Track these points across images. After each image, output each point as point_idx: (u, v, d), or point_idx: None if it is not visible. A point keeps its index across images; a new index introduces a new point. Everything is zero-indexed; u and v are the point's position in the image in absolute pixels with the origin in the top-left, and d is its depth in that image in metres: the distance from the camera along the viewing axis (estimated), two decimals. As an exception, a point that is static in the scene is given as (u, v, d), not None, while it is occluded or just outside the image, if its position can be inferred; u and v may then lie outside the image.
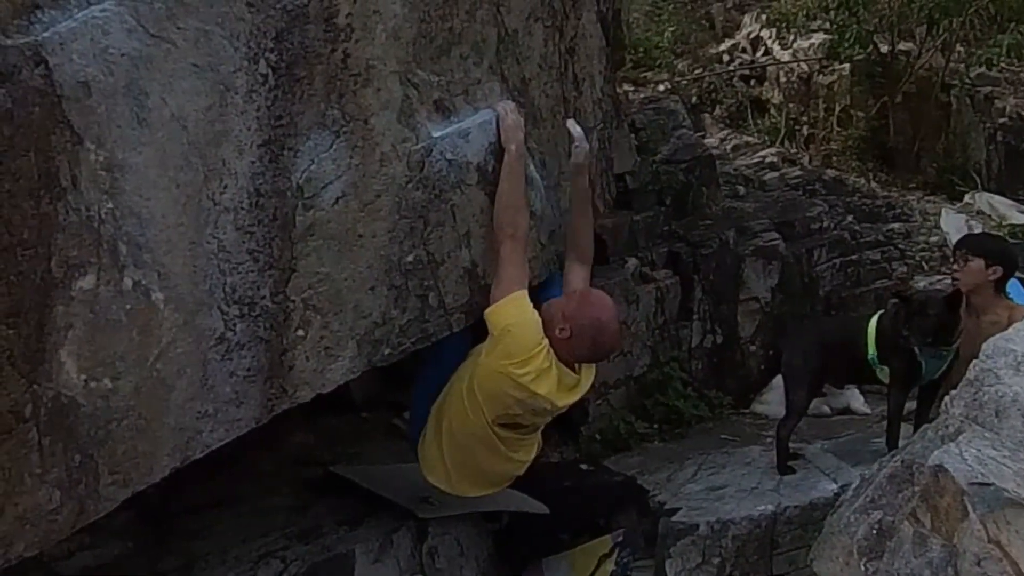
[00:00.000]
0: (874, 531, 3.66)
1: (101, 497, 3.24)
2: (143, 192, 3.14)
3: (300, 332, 3.67)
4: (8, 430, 2.96)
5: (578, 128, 4.57)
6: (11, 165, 2.85)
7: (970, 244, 5.31)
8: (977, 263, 5.12)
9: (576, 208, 4.55)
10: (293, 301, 3.62)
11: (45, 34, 2.91)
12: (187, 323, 3.32)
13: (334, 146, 3.61)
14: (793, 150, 9.69)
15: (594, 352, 4.29)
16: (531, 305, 4.13)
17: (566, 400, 4.29)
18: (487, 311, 4.13)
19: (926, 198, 8.93)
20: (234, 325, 3.46)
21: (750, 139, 9.81)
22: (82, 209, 3.02)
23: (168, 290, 3.25)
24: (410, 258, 3.96)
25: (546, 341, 4.11)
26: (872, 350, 5.22)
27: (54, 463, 3.09)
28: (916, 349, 5.02)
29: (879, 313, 5.36)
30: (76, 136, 2.98)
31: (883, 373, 5.26)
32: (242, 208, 3.40)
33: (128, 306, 3.16)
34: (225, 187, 3.34)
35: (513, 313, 4.10)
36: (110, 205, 3.07)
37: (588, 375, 4.37)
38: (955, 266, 5.25)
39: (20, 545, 3.09)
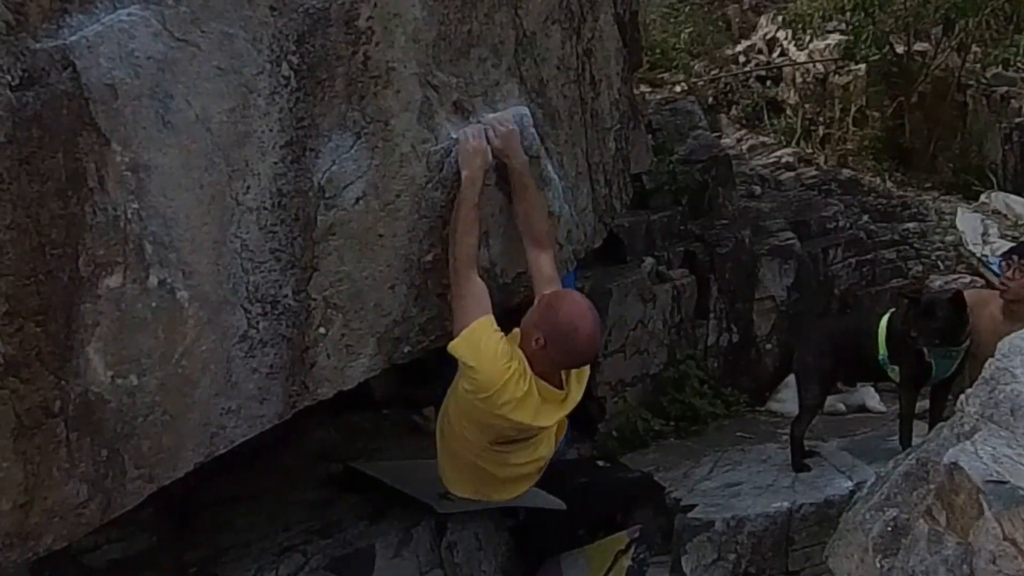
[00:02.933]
0: (889, 528, 3.64)
1: (127, 491, 3.29)
2: (168, 192, 3.18)
3: (322, 330, 3.71)
4: (37, 425, 3.02)
5: (494, 118, 4.13)
6: (40, 166, 2.90)
7: None
8: None
9: (519, 192, 4.15)
10: (315, 299, 3.66)
11: (73, 38, 2.95)
12: (211, 321, 3.36)
13: (355, 147, 3.64)
14: (809, 150, 9.68)
15: (571, 357, 4.01)
16: (491, 331, 3.90)
17: (555, 417, 4.11)
18: (449, 347, 3.92)
19: (942, 198, 8.91)
20: (257, 323, 3.50)
21: (766, 139, 9.82)
22: (109, 209, 3.06)
23: (192, 288, 3.29)
24: (429, 257, 3.97)
25: (515, 366, 3.88)
26: (883, 350, 5.24)
27: (81, 458, 3.14)
28: (925, 350, 5.04)
29: (890, 313, 5.38)
30: (103, 138, 3.03)
31: (894, 373, 5.28)
32: (265, 208, 3.44)
33: (153, 304, 3.20)
34: (248, 187, 3.38)
35: (469, 350, 3.87)
36: (136, 205, 3.12)
37: (578, 385, 4.15)
38: (1008, 272, 5.22)
39: (49, 538, 3.15)
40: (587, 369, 4.24)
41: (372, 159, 3.70)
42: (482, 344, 3.87)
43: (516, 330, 4.05)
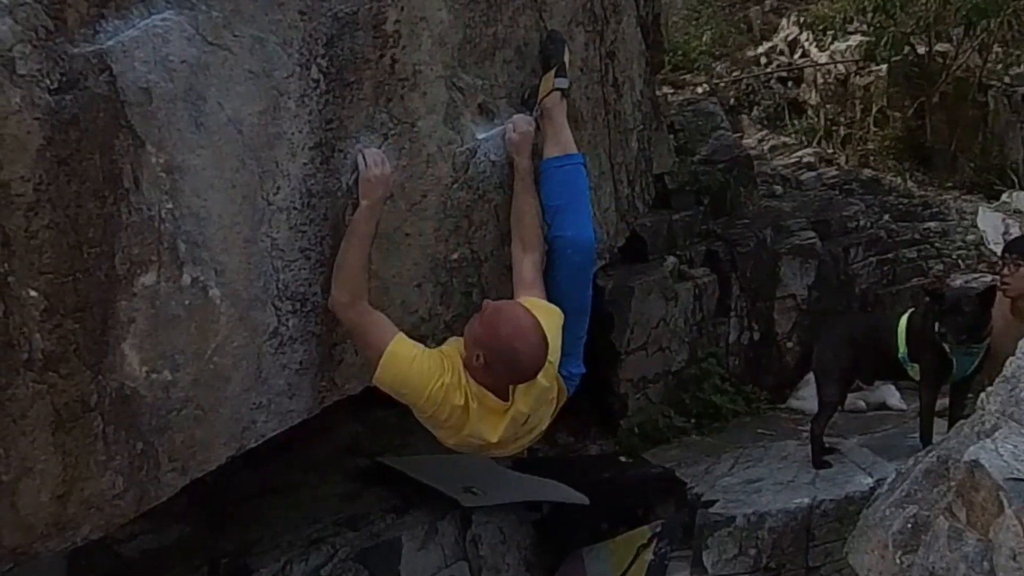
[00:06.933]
0: (909, 525, 3.67)
1: (161, 483, 3.35)
2: (201, 193, 3.24)
3: (349, 327, 3.76)
4: (75, 419, 3.09)
5: (520, 117, 4.14)
6: (77, 167, 2.97)
7: (1020, 248, 5.26)
8: None
9: (517, 191, 4.09)
10: (343, 297, 3.71)
11: (109, 43, 3.02)
12: (242, 318, 3.42)
13: (382, 148, 3.69)
14: (830, 150, 9.68)
15: (515, 375, 3.74)
16: (407, 353, 3.66)
17: (497, 429, 3.83)
18: (374, 380, 3.71)
19: (963, 197, 8.88)
20: (287, 320, 3.56)
21: (787, 140, 9.81)
22: (144, 209, 3.13)
23: (224, 286, 3.35)
24: (455, 256, 4.03)
25: (446, 380, 3.68)
26: (902, 348, 5.24)
27: (117, 451, 3.20)
28: (947, 347, 5.04)
29: (910, 311, 5.39)
30: (138, 140, 3.09)
31: (913, 371, 5.28)
32: (295, 208, 3.50)
33: (187, 302, 3.26)
34: (279, 188, 3.44)
35: (395, 380, 3.68)
36: (170, 205, 3.18)
37: (524, 398, 3.83)
38: (1004, 271, 5.22)
39: (86, 528, 3.22)
40: (540, 382, 3.88)
41: (399, 160, 3.75)
42: (403, 371, 3.66)
43: (454, 339, 3.89)
